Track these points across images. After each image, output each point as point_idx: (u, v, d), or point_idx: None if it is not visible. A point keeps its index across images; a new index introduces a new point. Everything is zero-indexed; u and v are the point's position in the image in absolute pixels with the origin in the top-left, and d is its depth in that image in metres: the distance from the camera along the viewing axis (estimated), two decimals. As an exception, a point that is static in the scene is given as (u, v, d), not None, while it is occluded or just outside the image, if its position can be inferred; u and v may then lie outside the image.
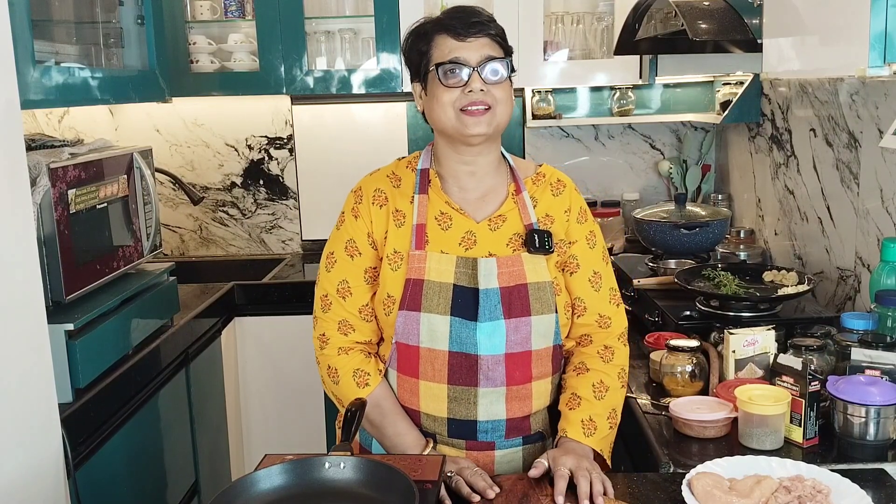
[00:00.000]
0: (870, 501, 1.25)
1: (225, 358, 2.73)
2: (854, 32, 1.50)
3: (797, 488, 1.27)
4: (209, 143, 3.37)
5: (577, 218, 1.57)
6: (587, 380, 1.52)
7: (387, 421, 1.51)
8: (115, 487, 1.93)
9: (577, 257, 1.55)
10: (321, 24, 3.15)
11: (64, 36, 2.31)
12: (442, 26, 1.47)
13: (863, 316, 1.77)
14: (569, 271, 1.56)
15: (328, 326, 1.55)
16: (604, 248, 1.60)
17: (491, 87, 1.45)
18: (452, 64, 1.44)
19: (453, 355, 1.47)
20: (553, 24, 3.11)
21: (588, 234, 1.57)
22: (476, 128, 1.45)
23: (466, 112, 1.44)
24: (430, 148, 1.58)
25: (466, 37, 1.45)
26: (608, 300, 1.57)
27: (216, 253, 3.46)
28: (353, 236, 1.54)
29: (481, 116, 1.45)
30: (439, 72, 1.45)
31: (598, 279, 1.56)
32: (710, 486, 1.27)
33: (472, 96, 1.44)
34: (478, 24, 1.46)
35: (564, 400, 1.53)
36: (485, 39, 1.46)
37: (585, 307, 1.56)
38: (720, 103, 3.02)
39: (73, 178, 1.85)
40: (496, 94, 1.45)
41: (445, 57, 1.45)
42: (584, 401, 1.50)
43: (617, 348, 1.57)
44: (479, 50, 1.45)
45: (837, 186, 2.22)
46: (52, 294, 1.78)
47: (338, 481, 1.22)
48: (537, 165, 1.60)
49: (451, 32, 1.45)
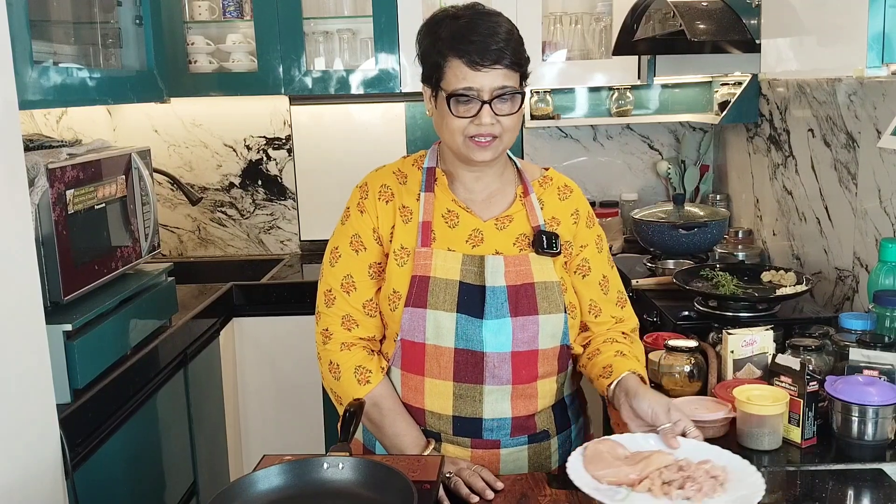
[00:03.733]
0: (761, 491, 1.19)
1: (223, 358, 2.72)
2: (852, 33, 1.50)
3: (690, 469, 1.24)
4: (207, 143, 3.37)
5: (586, 222, 1.58)
6: (620, 346, 1.54)
7: (386, 420, 1.51)
8: (114, 488, 1.92)
9: (589, 261, 1.57)
10: (319, 25, 3.15)
11: (62, 36, 2.31)
12: (456, 50, 1.40)
13: (861, 316, 1.77)
14: (581, 274, 1.57)
15: (331, 321, 1.54)
16: (609, 252, 1.64)
17: (501, 117, 1.43)
18: (464, 96, 1.41)
19: (459, 352, 1.47)
20: (551, 25, 3.11)
21: (597, 239, 1.60)
22: (481, 155, 1.45)
23: (474, 141, 1.44)
24: (436, 146, 1.58)
25: (482, 66, 1.40)
26: (615, 302, 1.60)
27: (214, 253, 3.45)
28: (359, 231, 1.54)
29: (488, 146, 1.45)
30: (450, 101, 1.42)
31: (607, 283, 1.59)
32: (603, 450, 1.27)
33: (482, 128, 1.42)
34: (493, 52, 1.39)
35: (607, 355, 1.52)
36: (500, 69, 1.41)
37: (601, 309, 1.58)
38: (718, 104, 3.03)
39: (72, 179, 1.85)
40: (505, 123, 1.44)
41: (458, 84, 1.41)
42: (628, 356, 1.51)
43: (633, 339, 1.60)
44: (493, 81, 1.40)
45: (835, 187, 2.22)
46: (51, 294, 1.78)
47: (336, 482, 1.22)
48: (543, 169, 1.61)
49: (467, 59, 1.40)
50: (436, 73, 1.44)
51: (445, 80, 1.43)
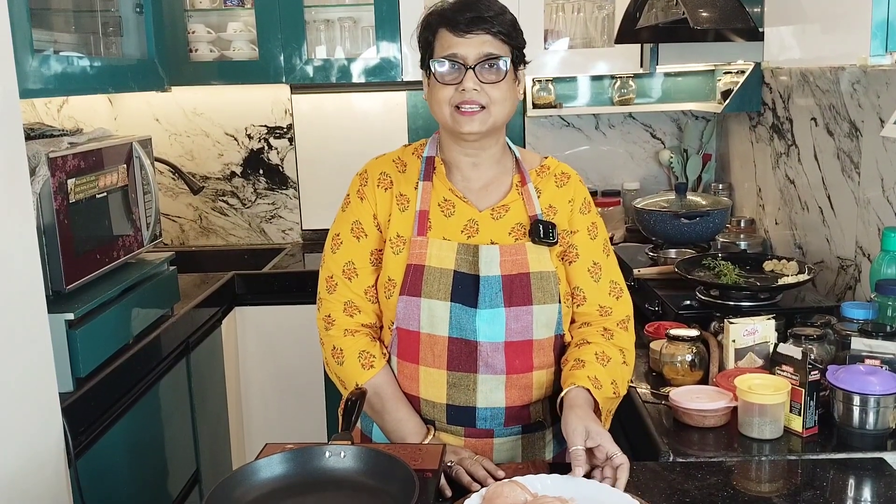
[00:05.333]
0: None
1: (225, 347, 2.73)
2: (856, 21, 1.49)
3: None
4: (209, 132, 3.36)
5: (580, 208, 1.56)
6: (589, 349, 1.50)
7: (387, 407, 1.52)
8: (116, 476, 1.93)
9: (577, 247, 1.55)
10: (321, 13, 3.13)
11: (62, 24, 2.30)
12: (444, 19, 1.44)
13: (863, 305, 1.77)
14: (568, 260, 1.55)
15: (333, 307, 1.55)
16: (605, 240, 1.59)
17: (487, 86, 1.43)
18: (448, 60, 1.43)
19: (453, 341, 1.48)
20: (553, 13, 3.10)
21: (590, 225, 1.57)
22: (468, 126, 1.44)
23: (460, 111, 1.44)
24: (436, 136, 1.59)
25: (466, 33, 1.41)
26: (608, 292, 1.56)
27: (216, 242, 3.46)
28: (359, 218, 1.55)
29: (474, 116, 1.44)
30: (435, 67, 1.44)
31: (598, 270, 1.56)
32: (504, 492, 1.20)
33: (466, 95, 1.42)
34: (478, 19, 1.41)
35: (567, 367, 1.49)
36: (486, 36, 1.42)
37: (585, 297, 1.55)
38: (721, 92, 3.01)
39: (73, 168, 1.84)
40: (492, 93, 1.43)
41: (443, 52, 1.43)
42: (588, 363, 1.47)
43: (616, 331, 1.56)
44: (478, 47, 1.42)
45: (838, 176, 2.21)
46: (53, 284, 1.78)
47: (338, 470, 1.23)
48: (542, 158, 1.60)
49: (451, 27, 1.43)
50: (427, 51, 1.47)
51: (434, 53, 1.45)
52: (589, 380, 1.44)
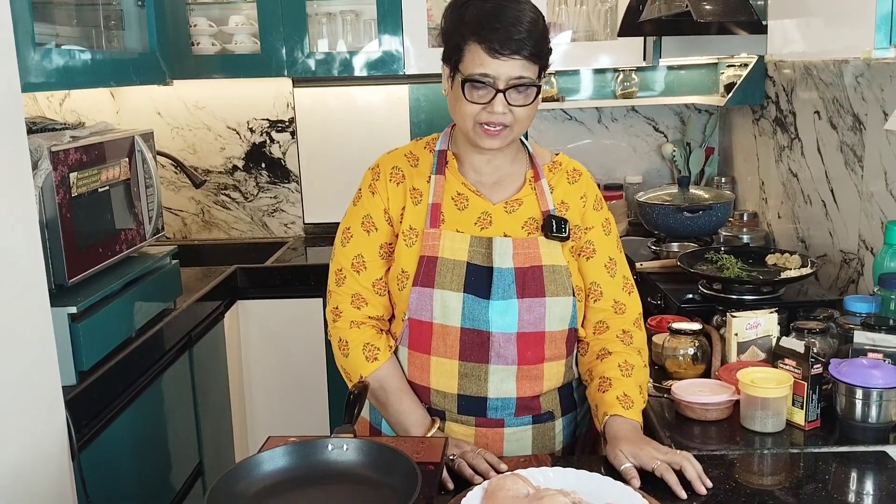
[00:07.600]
0: None
1: (228, 341, 2.73)
2: (860, 14, 1.49)
3: None
4: (211, 126, 3.36)
5: (593, 205, 1.58)
6: (612, 362, 1.52)
7: (391, 399, 1.52)
8: (120, 469, 1.94)
9: (594, 243, 1.57)
10: (323, 6, 3.13)
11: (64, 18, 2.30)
12: (480, 35, 1.38)
13: (866, 299, 1.77)
14: (585, 256, 1.56)
15: (341, 300, 1.56)
16: (618, 236, 1.62)
17: (514, 107, 1.42)
18: (480, 82, 1.40)
19: (465, 332, 1.48)
20: (556, 6, 3.09)
21: (604, 221, 1.59)
22: (489, 143, 1.45)
23: (483, 128, 1.44)
24: (449, 130, 1.59)
25: (500, 55, 1.38)
26: (622, 287, 1.59)
27: (218, 236, 3.46)
28: (370, 212, 1.56)
29: (497, 134, 1.44)
30: (465, 85, 1.41)
31: (614, 265, 1.58)
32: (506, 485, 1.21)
33: (493, 116, 1.42)
34: (512, 42, 1.37)
35: (594, 387, 1.52)
36: (519, 60, 1.39)
37: (602, 292, 1.57)
38: (724, 85, 3.01)
39: (75, 162, 1.84)
40: (518, 113, 1.43)
41: (475, 70, 1.40)
42: (615, 380, 1.50)
43: (634, 332, 1.58)
44: (510, 70, 1.39)
45: (841, 169, 2.21)
46: (55, 277, 1.78)
47: (341, 463, 1.23)
48: (553, 154, 1.61)
49: (486, 46, 1.38)
50: (455, 55, 1.44)
51: (464, 64, 1.42)
52: (619, 401, 1.46)
